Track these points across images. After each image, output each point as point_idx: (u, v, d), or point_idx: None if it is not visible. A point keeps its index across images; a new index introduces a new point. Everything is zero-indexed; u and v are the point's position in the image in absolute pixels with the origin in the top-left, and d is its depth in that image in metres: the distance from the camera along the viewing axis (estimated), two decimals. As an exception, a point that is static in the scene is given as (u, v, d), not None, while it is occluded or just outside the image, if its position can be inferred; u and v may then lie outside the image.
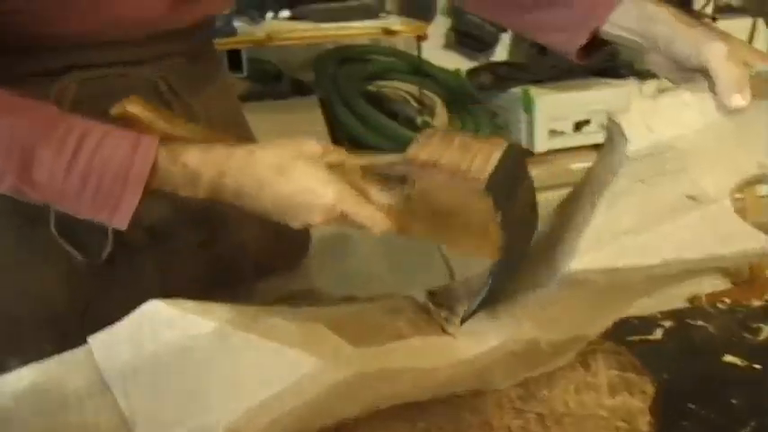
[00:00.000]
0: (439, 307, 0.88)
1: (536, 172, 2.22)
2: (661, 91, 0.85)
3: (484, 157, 0.76)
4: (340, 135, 2.32)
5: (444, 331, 0.87)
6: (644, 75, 2.40)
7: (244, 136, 1.10)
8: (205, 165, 0.78)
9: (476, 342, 0.85)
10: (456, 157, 0.77)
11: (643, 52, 0.91)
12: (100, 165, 0.75)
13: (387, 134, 2.30)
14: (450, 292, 0.91)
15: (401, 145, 2.29)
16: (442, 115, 2.44)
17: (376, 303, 0.91)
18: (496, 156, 0.76)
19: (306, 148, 0.81)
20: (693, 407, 1.00)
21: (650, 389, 1.00)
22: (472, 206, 0.77)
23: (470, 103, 2.48)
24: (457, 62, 2.75)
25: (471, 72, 2.51)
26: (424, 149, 0.79)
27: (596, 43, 0.95)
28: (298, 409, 0.75)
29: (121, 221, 0.77)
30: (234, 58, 2.17)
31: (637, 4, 0.91)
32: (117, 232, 0.92)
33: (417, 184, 0.79)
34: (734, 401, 1.02)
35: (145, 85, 0.93)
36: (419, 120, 2.29)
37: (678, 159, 0.79)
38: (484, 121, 2.42)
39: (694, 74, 0.84)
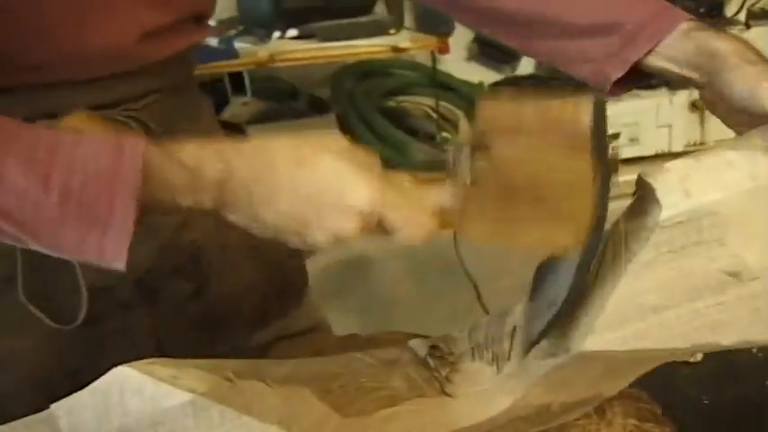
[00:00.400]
0: (440, 362, 0.81)
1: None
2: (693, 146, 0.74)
3: (573, 114, 0.65)
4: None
5: (444, 392, 0.80)
6: (675, 84, 2.31)
7: None
8: (207, 161, 0.65)
9: (480, 406, 0.78)
10: (539, 118, 0.66)
11: (695, 87, 0.82)
12: (80, 178, 0.62)
13: (405, 151, 2.24)
14: (454, 343, 0.84)
15: (420, 162, 2.25)
16: (464, 130, 2.37)
17: (372, 355, 0.83)
18: (587, 110, 0.65)
19: (332, 141, 0.67)
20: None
21: (674, 438, 0.92)
22: (559, 175, 0.65)
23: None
24: (480, 74, 2.67)
25: (495, 85, 2.43)
26: (496, 117, 0.67)
27: (634, 74, 0.86)
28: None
29: (117, 246, 0.64)
30: (236, 81, 2.11)
31: (692, 34, 0.82)
32: (104, 290, 0.87)
33: (494, 153, 0.66)
34: None
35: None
36: (439, 136, 2.22)
37: (717, 227, 0.68)
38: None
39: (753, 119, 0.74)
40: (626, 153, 2.30)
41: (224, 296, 0.98)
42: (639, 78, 0.86)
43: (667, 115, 2.21)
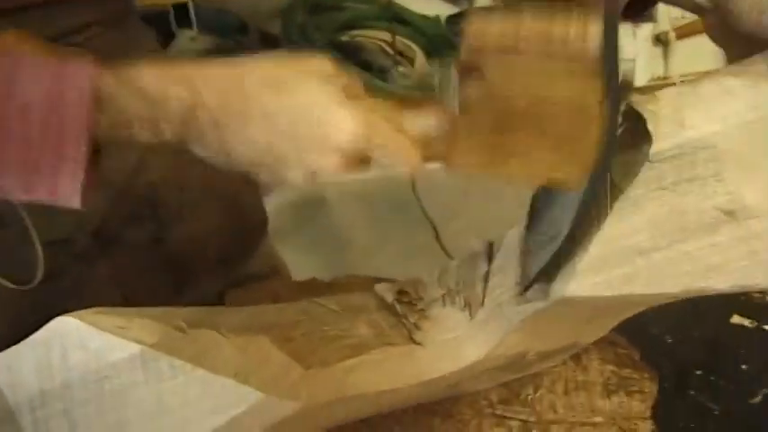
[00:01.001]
0: (408, 308, 0.76)
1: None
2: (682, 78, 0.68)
3: (579, 30, 0.58)
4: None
5: (412, 339, 0.74)
6: (645, 17, 2.25)
7: None
8: (172, 85, 0.57)
9: (451, 355, 0.73)
10: (539, 35, 0.59)
11: (698, 14, 0.75)
12: (19, 108, 0.54)
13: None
14: (423, 288, 0.78)
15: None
16: (421, 65, 2.30)
17: (335, 301, 0.78)
18: (596, 26, 0.58)
19: (315, 64, 0.60)
20: (700, 373, 0.92)
21: (651, 387, 0.89)
22: (562, 101, 0.59)
23: (451, 52, 2.33)
24: (437, 8, 2.59)
25: (452, 18, 2.36)
26: (487, 35, 0.60)
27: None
28: (232, 450, 0.63)
29: (70, 183, 0.56)
30: (182, 13, 2.01)
31: None
32: (60, 243, 0.80)
33: (486, 76, 0.60)
34: (744, 367, 0.94)
35: None
36: (394, 70, 2.14)
37: (714, 162, 0.63)
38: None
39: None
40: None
41: (184, 241, 0.92)
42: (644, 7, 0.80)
43: (630, 49, 2.15)
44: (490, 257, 0.76)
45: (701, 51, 2.42)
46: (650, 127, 0.62)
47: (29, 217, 0.76)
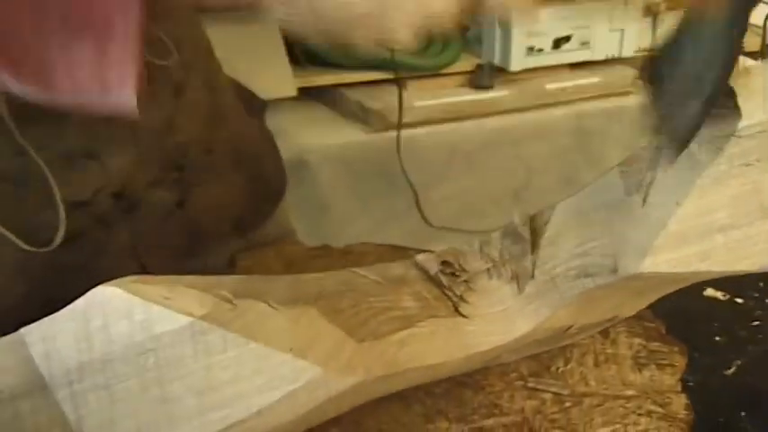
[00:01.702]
0: (453, 280, 0.73)
1: (509, 92, 2.10)
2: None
3: None
4: (298, 51, 2.13)
5: (458, 312, 0.72)
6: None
7: (214, 69, 0.93)
8: None
9: (498, 329, 0.71)
10: None
11: None
12: None
13: (348, 51, 2.12)
14: (464, 258, 0.76)
15: (365, 63, 2.13)
16: (407, 28, 2.25)
17: (375, 272, 0.75)
18: None
19: None
20: (674, 346, 0.90)
21: (681, 361, 0.87)
22: None
23: (439, 15, 2.29)
24: None
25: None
26: None
27: None
28: (284, 426, 0.60)
29: (122, 67, 0.50)
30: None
31: None
32: (81, 205, 0.76)
33: None
34: (717, 339, 0.95)
35: None
36: (385, 34, 2.10)
37: None
38: (453, 37, 2.24)
39: None
40: (576, 57, 2.23)
41: (205, 207, 0.88)
42: None
43: (621, 19, 2.14)
44: (534, 230, 0.73)
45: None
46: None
47: (51, 174, 0.73)
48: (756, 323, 0.99)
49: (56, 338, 0.60)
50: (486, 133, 2.22)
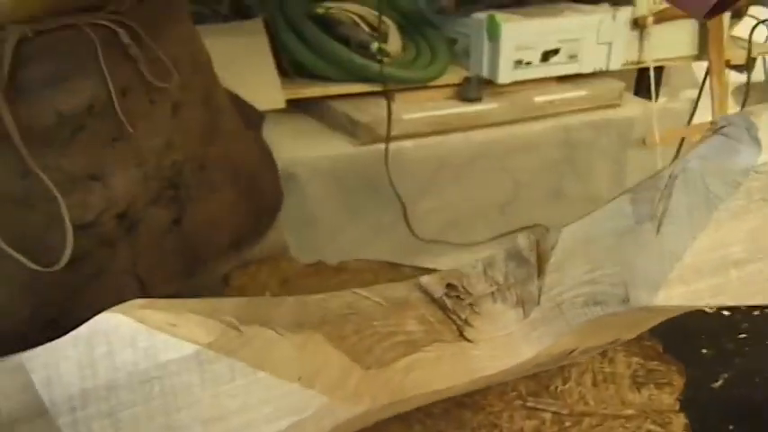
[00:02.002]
0: (458, 303, 0.73)
1: (498, 105, 2.10)
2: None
3: None
4: (287, 62, 2.12)
5: (463, 336, 0.71)
6: (617, 0, 2.23)
7: (211, 85, 0.93)
8: None
9: (503, 354, 0.70)
10: None
11: None
12: None
13: (339, 62, 2.11)
14: (468, 281, 0.75)
15: (355, 75, 2.12)
16: (395, 41, 2.25)
17: (377, 293, 0.74)
18: None
19: None
20: (661, 359, 0.90)
21: (679, 380, 0.87)
22: None
23: (427, 28, 2.29)
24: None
25: (431, -6, 2.32)
26: None
27: None
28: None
29: None
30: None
31: None
32: (86, 227, 0.77)
33: None
34: (704, 351, 0.95)
35: (104, 39, 0.74)
36: (374, 45, 2.10)
37: None
38: (441, 49, 2.24)
39: None
40: (564, 70, 2.23)
41: (201, 223, 0.87)
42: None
43: (609, 32, 2.14)
44: (539, 254, 0.73)
45: (676, 37, 2.44)
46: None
47: (62, 195, 0.73)
48: (743, 336, 1.00)
49: (58, 365, 0.59)
50: (474, 146, 2.22)
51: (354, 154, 2.14)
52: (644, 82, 2.41)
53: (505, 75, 2.16)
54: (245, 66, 1.87)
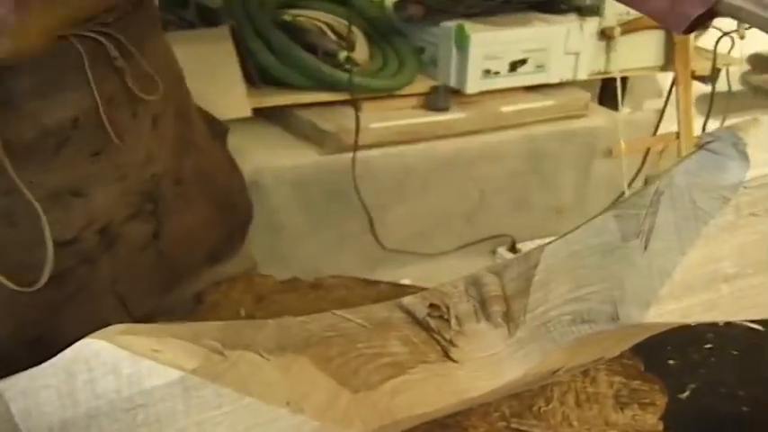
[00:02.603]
0: (442, 324, 0.72)
1: (465, 115, 2.09)
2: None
3: None
4: (253, 70, 2.10)
5: (448, 357, 0.70)
6: (585, 11, 2.24)
7: (184, 97, 0.91)
8: None
9: (489, 374, 0.69)
10: None
11: None
12: None
13: (306, 70, 2.10)
14: (450, 299, 0.74)
15: (322, 84, 2.11)
16: (362, 49, 2.24)
17: (359, 315, 0.73)
18: None
19: None
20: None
21: (661, 399, 0.87)
22: None
23: (395, 36, 2.28)
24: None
25: (398, 2, 2.31)
26: None
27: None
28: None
29: None
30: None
31: None
32: (67, 244, 0.75)
33: None
34: (671, 362, 0.97)
35: (91, 51, 0.73)
36: (341, 55, 2.08)
37: None
38: (409, 58, 2.24)
39: None
40: (532, 80, 2.24)
41: (177, 238, 0.86)
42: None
43: (576, 42, 2.15)
44: (523, 271, 0.72)
45: (642, 48, 2.45)
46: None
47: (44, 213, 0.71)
48: (709, 346, 1.00)
49: (38, 394, 0.57)
50: (441, 156, 2.22)
51: (320, 163, 2.13)
52: (609, 92, 2.42)
53: (473, 84, 2.16)
54: (211, 73, 1.85)
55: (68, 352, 0.57)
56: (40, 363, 0.57)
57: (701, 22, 0.77)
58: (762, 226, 0.59)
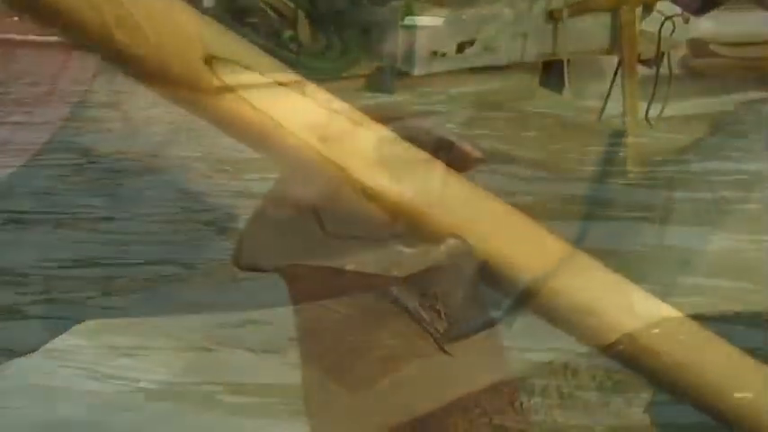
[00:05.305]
0: (435, 315, 0.67)
1: (411, 97, 2.07)
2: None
3: None
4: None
5: (441, 348, 0.66)
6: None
7: None
8: None
9: (486, 366, 0.65)
10: None
11: None
12: None
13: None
14: (445, 289, 0.70)
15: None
16: (304, 28, 2.19)
17: (345, 305, 0.68)
18: None
19: None
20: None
21: (646, 392, 0.84)
22: None
23: (339, 16, 2.23)
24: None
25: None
26: None
27: None
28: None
29: None
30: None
31: None
32: None
33: None
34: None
35: None
36: (286, 33, 2.03)
37: None
38: (353, 39, 2.19)
39: None
40: (479, 62, 2.22)
41: None
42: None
43: (524, 24, 2.13)
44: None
45: (589, 30, 2.44)
46: None
47: None
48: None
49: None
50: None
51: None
52: (553, 75, 2.41)
53: (421, 66, 2.12)
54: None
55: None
56: None
57: (716, 3, 0.75)
58: None
